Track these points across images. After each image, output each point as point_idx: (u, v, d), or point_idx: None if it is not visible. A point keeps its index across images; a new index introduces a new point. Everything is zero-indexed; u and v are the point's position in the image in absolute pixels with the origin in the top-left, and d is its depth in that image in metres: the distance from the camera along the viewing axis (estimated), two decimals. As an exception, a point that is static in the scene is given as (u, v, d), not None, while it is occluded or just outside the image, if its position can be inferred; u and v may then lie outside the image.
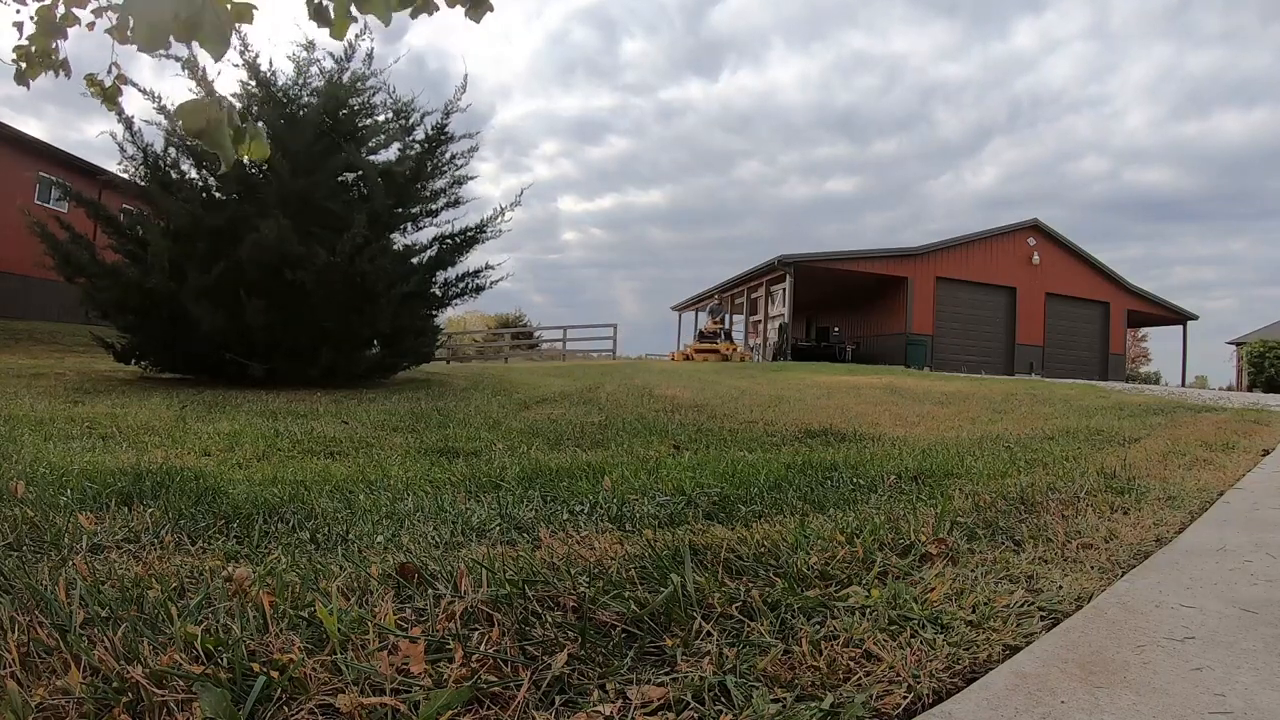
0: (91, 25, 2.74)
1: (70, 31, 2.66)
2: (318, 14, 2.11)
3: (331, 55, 7.93)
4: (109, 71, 2.84)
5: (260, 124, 1.46)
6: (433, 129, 8.18)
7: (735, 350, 18.03)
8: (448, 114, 8.17)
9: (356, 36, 7.86)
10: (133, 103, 14.52)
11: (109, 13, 2.68)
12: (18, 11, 2.67)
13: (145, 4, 1.05)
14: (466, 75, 8.86)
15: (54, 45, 2.68)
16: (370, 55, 7.94)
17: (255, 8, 1.51)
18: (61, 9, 2.61)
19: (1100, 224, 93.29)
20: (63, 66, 2.76)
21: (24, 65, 2.67)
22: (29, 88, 2.74)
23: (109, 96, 2.85)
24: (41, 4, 2.61)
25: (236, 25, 1.52)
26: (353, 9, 1.67)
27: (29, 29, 2.67)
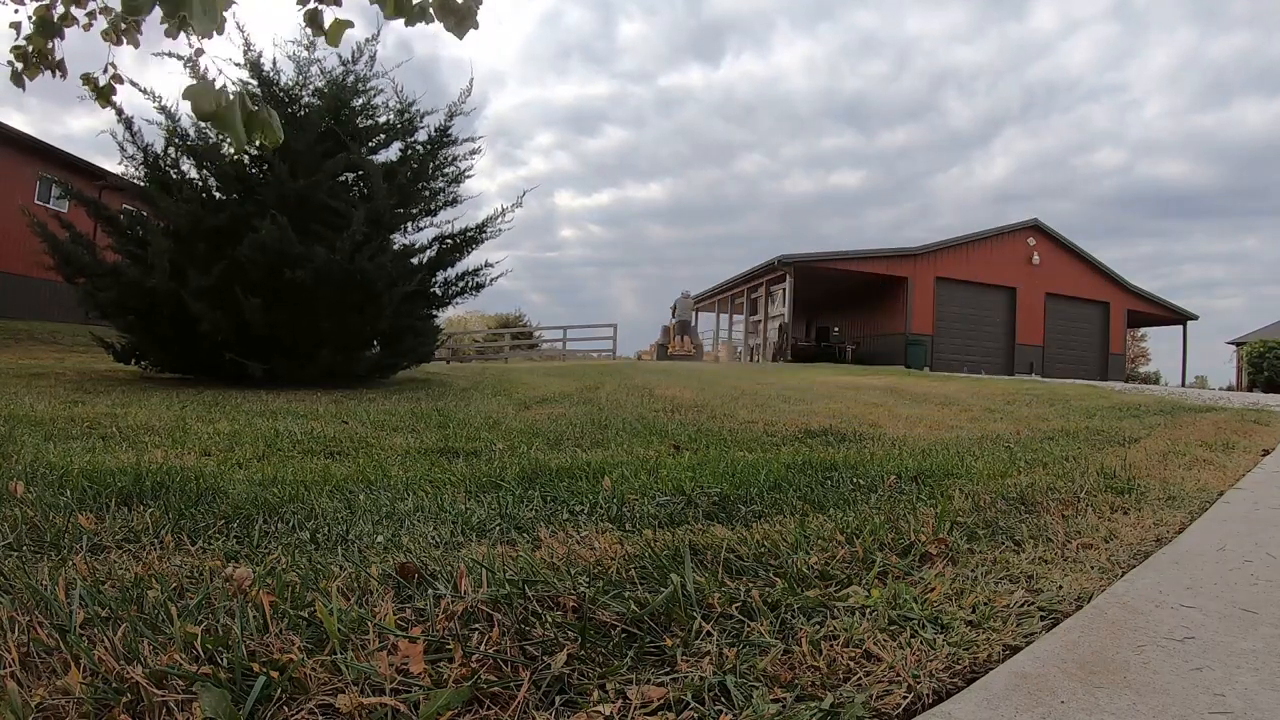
0: (88, 26, 2.74)
1: (66, 31, 2.68)
2: (311, 20, 2.13)
3: (339, 56, 7.94)
4: (104, 70, 2.88)
5: (273, 111, 1.46)
6: (436, 130, 8.18)
7: (698, 347, 19.97)
8: (451, 116, 8.17)
9: (367, 41, 7.86)
10: (133, 101, 14.54)
11: (101, 14, 2.69)
12: (15, 12, 2.68)
13: None
14: (472, 80, 8.85)
15: (50, 45, 2.69)
16: (374, 57, 7.95)
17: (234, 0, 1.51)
18: (60, 9, 2.62)
19: (1111, 220, 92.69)
20: (59, 67, 2.77)
21: (20, 66, 2.68)
22: (25, 89, 2.75)
23: (103, 94, 2.89)
24: (40, 4, 2.62)
25: (232, 13, 1.52)
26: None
27: (26, 29, 2.68)
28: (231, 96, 1.33)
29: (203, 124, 7.38)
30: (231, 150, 7.28)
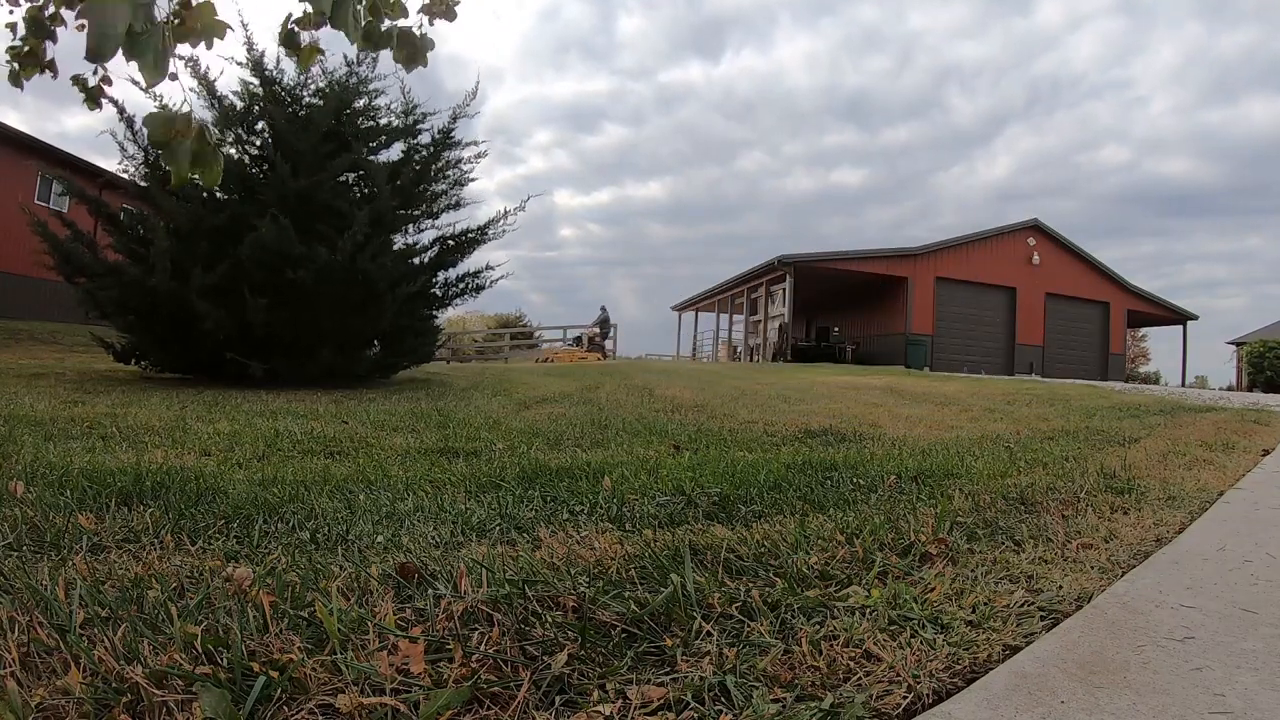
0: (80, 26, 2.76)
1: (58, 32, 2.70)
2: (287, 42, 2.14)
3: (344, 56, 7.94)
4: (94, 72, 2.93)
5: (220, 152, 1.47)
6: (439, 132, 8.18)
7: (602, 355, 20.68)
8: (455, 118, 8.17)
9: None
10: (133, 100, 14.54)
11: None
12: (10, 13, 2.69)
13: (101, 13, 1.06)
14: (478, 83, 8.81)
15: (43, 46, 2.71)
16: (376, 59, 7.94)
17: (230, 27, 1.52)
18: (51, 9, 2.63)
19: (1113, 219, 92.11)
20: (50, 67, 2.79)
21: (16, 66, 2.70)
22: (23, 88, 2.77)
23: (92, 96, 2.95)
24: (33, 4, 2.63)
25: (236, 11, 1.53)
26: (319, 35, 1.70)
27: (22, 31, 2.70)
28: (195, 126, 1.35)
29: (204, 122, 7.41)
30: (173, 182, 7.30)
